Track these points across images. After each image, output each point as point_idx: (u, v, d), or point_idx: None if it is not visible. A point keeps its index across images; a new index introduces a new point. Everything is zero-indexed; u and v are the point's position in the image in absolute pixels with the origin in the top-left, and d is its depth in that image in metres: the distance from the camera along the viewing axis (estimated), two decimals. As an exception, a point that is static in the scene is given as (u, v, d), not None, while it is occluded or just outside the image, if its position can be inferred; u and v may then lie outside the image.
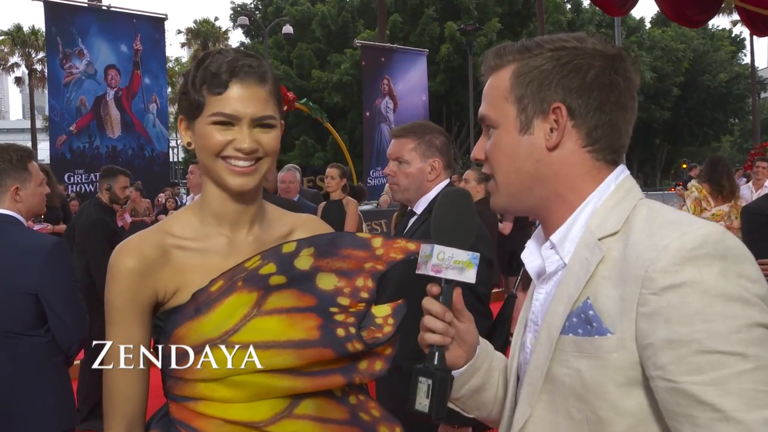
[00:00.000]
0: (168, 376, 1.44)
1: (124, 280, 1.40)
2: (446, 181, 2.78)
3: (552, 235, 1.18)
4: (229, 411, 1.39)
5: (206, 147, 1.39)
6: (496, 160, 1.22)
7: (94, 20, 14.23)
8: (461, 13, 31.95)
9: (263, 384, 1.38)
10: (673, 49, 36.17)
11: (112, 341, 1.43)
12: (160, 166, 15.14)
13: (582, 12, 36.81)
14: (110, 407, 1.44)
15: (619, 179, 1.17)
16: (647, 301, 1.00)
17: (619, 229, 1.10)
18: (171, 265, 1.43)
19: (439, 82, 30.78)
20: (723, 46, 41.21)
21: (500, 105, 1.20)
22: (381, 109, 17.11)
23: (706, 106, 39.39)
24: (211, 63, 1.38)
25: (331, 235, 1.50)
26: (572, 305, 1.10)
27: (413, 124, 2.85)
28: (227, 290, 1.38)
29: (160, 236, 1.45)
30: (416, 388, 1.20)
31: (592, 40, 1.18)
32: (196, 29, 44.97)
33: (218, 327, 1.37)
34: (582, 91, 1.14)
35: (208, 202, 1.47)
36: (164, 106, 15.44)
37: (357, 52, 22.57)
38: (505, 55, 1.21)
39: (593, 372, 1.06)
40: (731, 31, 44.09)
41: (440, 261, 1.21)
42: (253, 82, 1.38)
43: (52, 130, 14.10)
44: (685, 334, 0.97)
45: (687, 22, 7.48)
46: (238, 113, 1.37)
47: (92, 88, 14.10)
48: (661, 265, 1.00)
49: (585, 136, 1.16)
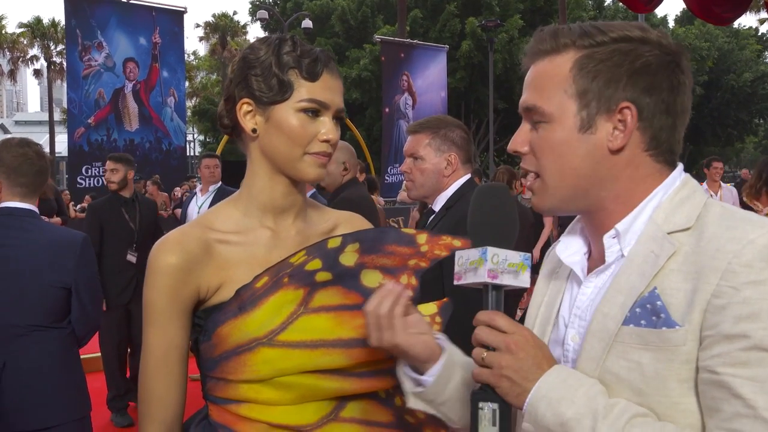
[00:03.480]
0: (208, 377, 1.39)
1: (165, 278, 1.34)
2: (466, 177, 2.66)
3: (618, 224, 1.11)
4: (274, 414, 1.34)
5: (293, 136, 1.36)
6: (547, 158, 1.11)
7: (113, 13, 14.23)
8: (482, 9, 31.72)
9: (310, 385, 1.34)
10: (697, 48, 35.66)
11: (151, 342, 1.37)
12: (177, 160, 15.11)
13: (604, 9, 36.45)
14: (147, 412, 1.38)
15: (682, 176, 1.12)
16: (723, 293, 0.96)
17: (692, 225, 1.05)
18: (214, 261, 1.38)
19: (459, 79, 30.58)
20: (749, 44, 40.58)
21: (557, 97, 1.09)
22: (400, 105, 16.97)
23: (730, 106, 38.86)
24: (300, 48, 1.37)
25: (376, 230, 1.47)
26: (636, 296, 1.04)
27: (429, 119, 2.74)
28: (273, 287, 1.34)
29: (201, 231, 1.39)
30: (477, 417, 1.05)
31: (656, 32, 1.08)
32: (214, 23, 45.06)
33: (264, 325, 1.32)
34: (652, 91, 1.06)
35: (255, 193, 1.43)
36: (182, 100, 15.41)
37: (376, 47, 22.48)
38: (562, 37, 1.10)
39: (656, 365, 1.01)
40: (757, 29, 43.42)
41: (495, 264, 1.08)
42: (336, 75, 1.40)
43: (70, 123, 14.11)
44: (749, 330, 0.94)
45: (715, 20, 7.30)
46: (330, 102, 1.37)
47: (111, 81, 14.09)
48: (747, 260, 0.96)
49: (649, 139, 1.08)
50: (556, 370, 1.05)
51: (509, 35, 30.51)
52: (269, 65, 1.36)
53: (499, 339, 1.06)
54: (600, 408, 1.00)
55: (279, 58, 1.35)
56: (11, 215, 2.74)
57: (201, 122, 42.08)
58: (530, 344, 1.06)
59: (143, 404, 1.38)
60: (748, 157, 50.53)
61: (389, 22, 32.18)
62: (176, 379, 1.38)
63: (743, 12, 7.33)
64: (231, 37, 44.89)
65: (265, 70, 1.36)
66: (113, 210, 5.50)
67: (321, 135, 1.36)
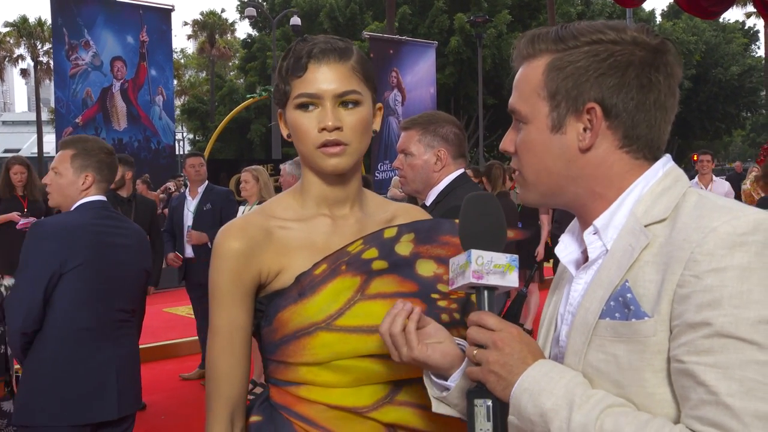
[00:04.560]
0: (269, 360, 1.46)
1: (229, 261, 1.41)
2: (458, 172, 2.68)
3: (596, 220, 1.13)
4: (332, 396, 1.40)
5: (298, 135, 1.42)
6: (525, 157, 1.17)
7: (100, 11, 14.14)
8: (471, 4, 31.74)
9: (366, 369, 1.39)
10: (684, 42, 35.80)
11: (217, 323, 1.44)
12: (166, 159, 15.05)
13: (592, 4, 36.53)
14: (214, 389, 1.44)
15: (666, 166, 1.13)
16: (687, 282, 0.97)
17: (668, 216, 1.06)
18: (275, 246, 1.43)
19: (448, 75, 30.59)
20: (735, 38, 40.79)
21: (531, 100, 1.14)
22: (389, 101, 16.97)
23: (718, 100, 39.05)
24: (294, 50, 1.42)
25: (431, 221, 1.52)
26: (612, 290, 1.06)
27: (421, 115, 2.77)
28: (331, 274, 1.39)
29: (263, 218, 1.46)
30: (473, 413, 1.10)
31: (632, 30, 1.09)
32: (202, 21, 44.91)
33: (323, 311, 1.38)
34: (619, 90, 1.08)
35: (308, 187, 1.49)
36: (170, 99, 15.34)
37: (365, 44, 22.42)
38: (538, 43, 1.14)
39: (630, 357, 1.03)
40: (744, 23, 43.66)
41: (480, 266, 1.13)
42: (332, 60, 1.39)
43: (58, 123, 14.03)
44: (710, 317, 0.94)
45: (702, 14, 7.33)
46: (318, 91, 1.38)
47: (98, 80, 14.01)
48: (708, 248, 0.96)
49: (621, 137, 1.09)
50: (540, 364, 1.08)
51: (498, 31, 30.55)
52: (278, 74, 1.45)
53: (486, 336, 1.10)
54: (577, 398, 1.02)
55: (281, 66, 1.43)
56: (106, 207, 2.93)
57: (190, 120, 41.95)
58: (516, 340, 1.10)
59: (210, 382, 1.45)
60: (737, 150, 50.85)
61: (378, 19, 32.16)
62: (240, 357, 1.44)
63: (730, 6, 7.37)
64: (219, 35, 44.75)
65: (277, 79, 1.45)
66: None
67: (319, 125, 1.39)
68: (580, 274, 1.17)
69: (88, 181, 2.86)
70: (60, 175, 2.86)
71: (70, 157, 2.86)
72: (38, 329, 2.69)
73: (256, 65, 36.82)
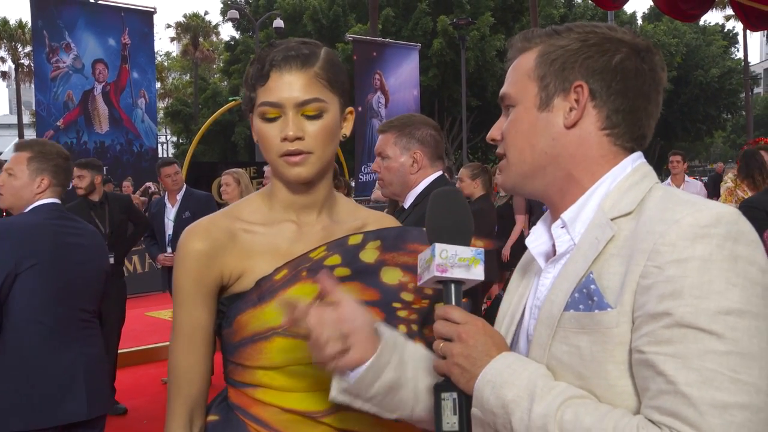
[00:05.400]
0: (229, 361, 1.47)
1: (192, 262, 1.42)
2: (436, 174, 2.68)
3: (563, 213, 1.15)
4: (286, 400, 1.40)
5: (262, 144, 1.42)
6: (512, 136, 1.19)
7: (81, 14, 14.02)
8: (454, 7, 31.83)
9: (321, 375, 1.36)
10: (665, 44, 36.07)
11: (179, 322, 1.45)
12: (148, 162, 14.94)
13: (575, 6, 36.74)
14: (174, 388, 1.46)
15: (636, 163, 1.15)
16: (649, 273, 0.98)
17: (633, 209, 1.08)
18: (238, 249, 1.44)
19: (431, 77, 30.65)
20: (715, 40, 41.17)
21: (522, 83, 1.19)
22: (373, 104, 16.98)
23: (699, 102, 39.37)
24: (258, 58, 1.41)
25: (398, 229, 1.52)
26: (577, 282, 1.08)
27: (397, 118, 2.78)
28: (291, 279, 1.39)
29: (229, 220, 1.47)
30: (440, 407, 1.11)
31: (623, 31, 1.14)
32: (185, 23, 44.67)
33: (280, 316, 1.35)
34: (605, 72, 1.12)
35: (276, 192, 1.49)
36: (153, 101, 15.25)
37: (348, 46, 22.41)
38: (533, 38, 1.19)
39: (593, 348, 1.03)
40: (723, 26, 44.08)
41: (444, 260, 1.13)
42: (294, 68, 1.38)
43: (39, 126, 13.90)
44: (671, 307, 0.95)
45: (681, 17, 7.39)
46: (279, 100, 1.37)
47: (80, 83, 13.90)
48: (670, 239, 0.97)
49: (605, 118, 1.13)
50: (503, 356, 1.09)
51: (480, 33, 30.64)
52: (244, 81, 1.45)
53: (452, 330, 1.11)
54: (538, 390, 1.03)
55: (248, 71, 1.43)
56: (60, 210, 2.93)
57: (174, 123, 41.72)
58: (480, 333, 1.10)
59: (171, 381, 1.46)
60: (718, 152, 51.28)
61: (361, 21, 32.15)
62: (201, 357, 1.46)
63: (708, 9, 7.45)
64: (203, 38, 44.54)
65: (244, 85, 1.45)
66: (82, 214, 5.50)
67: (280, 134, 1.39)
68: (549, 267, 1.18)
69: (44, 185, 2.86)
70: (15, 176, 2.84)
71: (26, 160, 2.85)
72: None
73: (240, 68, 36.67)
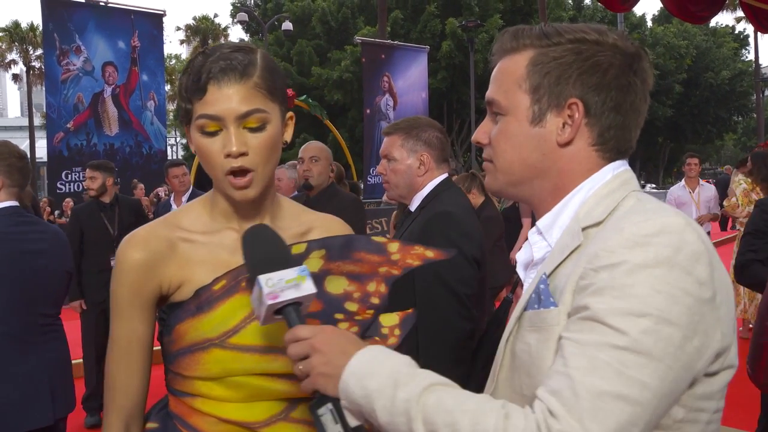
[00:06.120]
0: (168, 370, 1.45)
1: (130, 273, 1.39)
2: (442, 177, 2.68)
3: (539, 221, 1.18)
4: (224, 410, 1.38)
5: (203, 159, 1.37)
6: (501, 148, 1.18)
7: (91, 16, 14.10)
8: (463, 9, 31.81)
9: (260, 386, 1.37)
10: (675, 46, 35.97)
11: (116, 333, 1.42)
12: (157, 164, 14.98)
13: (584, 8, 36.66)
14: (110, 400, 1.44)
15: (617, 171, 1.15)
16: (586, 274, 1.01)
17: (603, 219, 1.09)
18: (177, 259, 1.41)
19: (440, 79, 30.64)
20: (726, 42, 41.00)
21: (512, 92, 1.15)
22: (381, 106, 16.98)
23: (709, 104, 39.22)
24: (192, 67, 1.35)
25: (344, 237, 1.47)
26: (536, 283, 1.11)
27: (403, 120, 2.78)
28: (230, 290, 1.36)
29: (168, 229, 1.43)
30: (321, 424, 1.12)
31: (613, 35, 1.13)
32: (195, 26, 44.84)
33: (218, 327, 1.36)
34: (601, 89, 1.11)
35: (217, 201, 1.45)
36: (162, 104, 15.30)
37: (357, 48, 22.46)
38: (522, 38, 1.16)
39: (539, 346, 1.06)
40: (734, 27, 43.88)
41: (272, 287, 1.16)
42: (233, 80, 1.31)
43: (49, 128, 13.97)
44: (591, 302, 0.98)
45: (691, 18, 7.36)
46: (219, 113, 1.31)
47: (90, 85, 13.97)
48: (611, 245, 0.99)
49: (597, 135, 1.12)
50: (368, 350, 1.11)
51: (489, 35, 30.59)
52: (178, 90, 1.39)
53: (304, 346, 1.14)
54: (402, 377, 1.04)
55: (182, 83, 1.37)
56: (19, 213, 2.87)
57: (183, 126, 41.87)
58: (332, 337, 1.14)
59: (107, 391, 1.44)
60: (728, 154, 51.03)
61: (370, 23, 32.19)
62: (137, 369, 1.43)
63: (718, 11, 7.40)
64: (212, 40, 44.68)
65: (179, 95, 1.39)
66: (93, 215, 5.61)
67: (223, 150, 1.33)
68: (530, 273, 1.20)
69: None
70: None
71: None
72: None
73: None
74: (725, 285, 1.03)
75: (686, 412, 1.01)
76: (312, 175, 4.19)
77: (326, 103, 29.24)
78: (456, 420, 0.96)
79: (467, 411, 0.97)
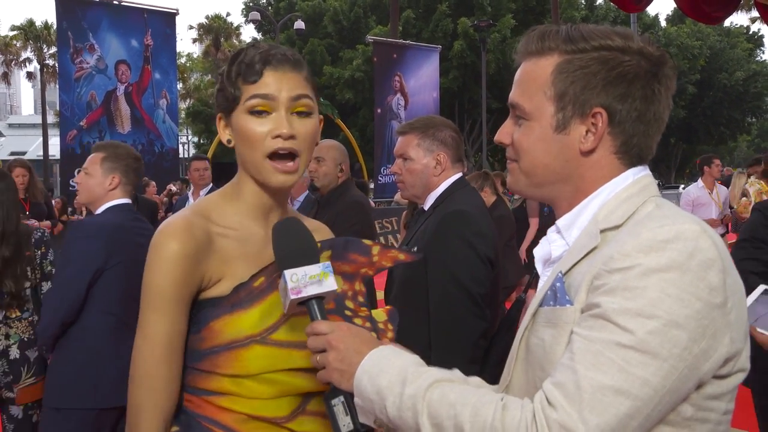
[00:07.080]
0: (192, 368, 1.39)
1: (173, 264, 1.33)
2: (457, 176, 2.67)
3: (559, 220, 1.20)
4: (253, 406, 1.39)
5: (246, 140, 1.38)
6: (524, 151, 1.20)
7: (105, 15, 14.19)
8: (475, 9, 31.77)
9: (289, 382, 1.40)
10: (688, 47, 35.77)
11: (157, 330, 1.34)
12: (169, 162, 15.08)
13: (596, 8, 36.51)
14: (148, 401, 1.34)
15: (637, 175, 1.17)
16: (600, 275, 1.03)
17: (622, 223, 1.11)
18: (217, 253, 1.39)
19: (451, 79, 30.61)
20: (740, 43, 40.72)
21: (537, 98, 1.17)
22: (392, 106, 16.99)
23: (723, 105, 38.97)
24: (245, 56, 1.40)
25: (344, 239, 1.52)
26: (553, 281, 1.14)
27: (418, 120, 2.77)
28: (268, 287, 1.39)
29: (204, 221, 1.40)
30: (333, 413, 1.20)
31: (639, 40, 1.14)
32: (207, 25, 44.99)
33: (260, 324, 1.37)
34: (625, 99, 1.12)
35: (244, 194, 1.46)
36: (174, 102, 15.37)
37: (369, 48, 22.47)
38: (548, 41, 1.17)
39: (553, 342, 1.09)
40: (749, 28, 43.57)
41: (296, 282, 1.22)
42: (288, 68, 1.39)
43: (62, 126, 14.06)
44: (602, 301, 1.00)
45: (705, 19, 7.30)
46: (273, 93, 1.36)
47: (103, 83, 14.05)
48: (626, 249, 1.01)
49: (620, 144, 1.14)
50: (380, 350, 1.18)
51: (501, 35, 30.55)
52: (223, 79, 1.43)
53: (322, 341, 1.21)
54: (409, 375, 1.11)
55: (230, 70, 1.41)
56: (132, 209, 3.15)
57: (195, 124, 42.01)
58: (348, 336, 1.20)
59: (144, 393, 1.35)
60: (741, 156, 50.69)
61: (382, 23, 32.20)
62: (179, 369, 1.37)
63: (733, 11, 7.34)
64: (224, 39, 44.82)
65: (223, 83, 1.42)
66: None
67: (272, 131, 1.37)
68: (546, 270, 1.23)
69: (114, 182, 3.08)
70: (90, 175, 3.10)
71: (100, 160, 3.10)
72: (75, 321, 2.91)
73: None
74: (738, 291, 1.05)
75: (695, 411, 1.03)
76: (317, 176, 4.17)
77: (337, 103, 29.27)
78: (458, 412, 1.03)
79: (468, 404, 1.03)
